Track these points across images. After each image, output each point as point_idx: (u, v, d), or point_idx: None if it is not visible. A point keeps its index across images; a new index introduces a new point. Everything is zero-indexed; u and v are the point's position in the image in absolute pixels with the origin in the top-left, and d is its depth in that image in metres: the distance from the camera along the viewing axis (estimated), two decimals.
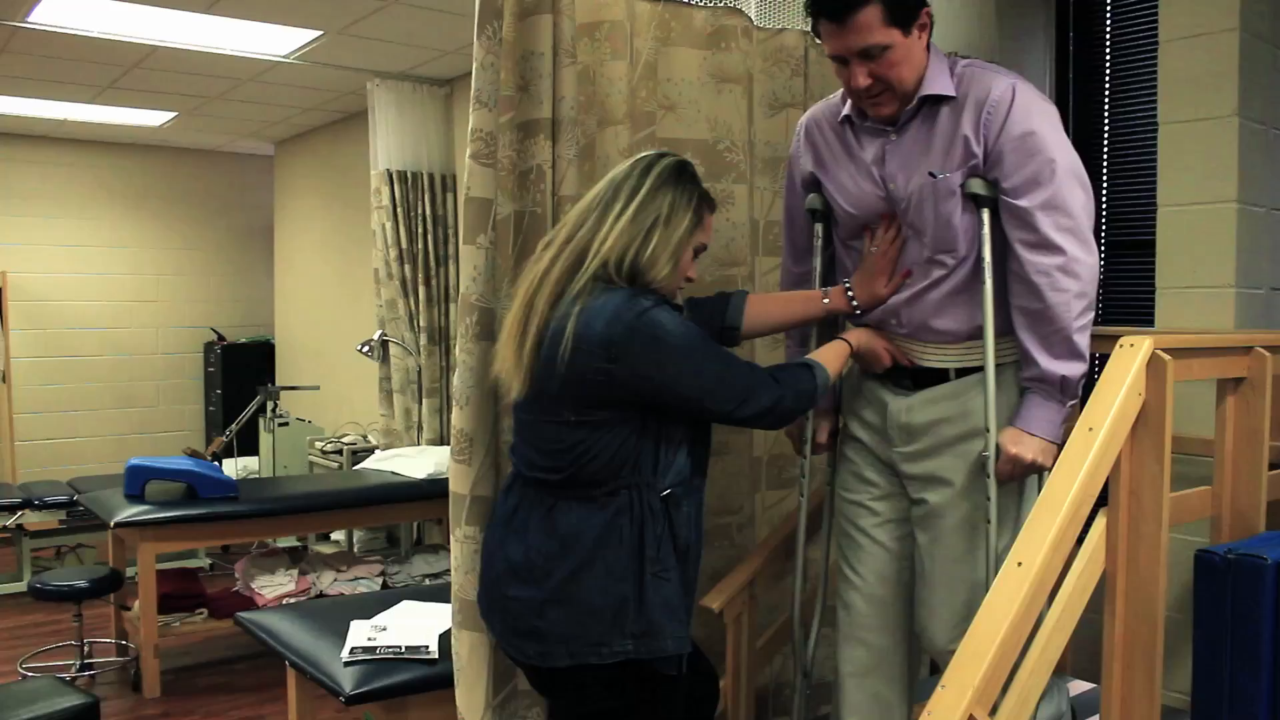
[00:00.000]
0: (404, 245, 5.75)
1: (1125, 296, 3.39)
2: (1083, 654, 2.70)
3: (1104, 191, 3.44)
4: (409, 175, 5.78)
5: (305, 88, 6.04)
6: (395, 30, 4.90)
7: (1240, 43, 2.59)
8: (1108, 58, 3.41)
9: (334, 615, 2.86)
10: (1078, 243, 1.90)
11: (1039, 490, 2.03)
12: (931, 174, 1.99)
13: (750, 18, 2.73)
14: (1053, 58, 3.53)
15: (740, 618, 2.46)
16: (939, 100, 2.00)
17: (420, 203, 5.81)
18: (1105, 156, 3.43)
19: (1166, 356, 1.58)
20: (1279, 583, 1.63)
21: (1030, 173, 1.91)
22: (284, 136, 7.60)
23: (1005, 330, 2.04)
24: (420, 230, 5.81)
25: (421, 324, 5.81)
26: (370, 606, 2.91)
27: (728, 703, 2.49)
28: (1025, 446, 1.95)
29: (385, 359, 5.81)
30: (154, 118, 6.78)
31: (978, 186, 1.98)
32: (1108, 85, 3.41)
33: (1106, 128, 3.42)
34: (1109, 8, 3.39)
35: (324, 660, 2.53)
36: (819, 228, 2.31)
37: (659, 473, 1.85)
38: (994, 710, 1.38)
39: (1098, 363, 3.34)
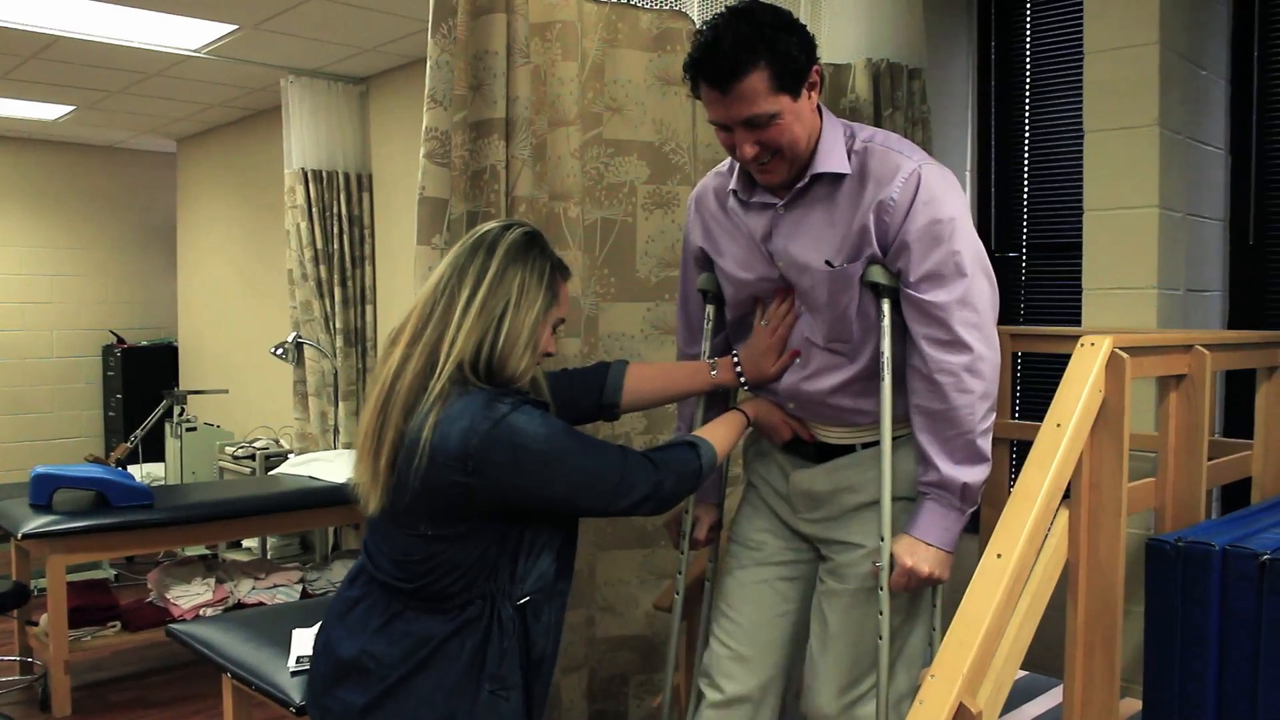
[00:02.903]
0: (319, 246, 5.64)
1: (1047, 297, 3.53)
2: None
3: (1025, 196, 3.57)
4: (324, 174, 5.67)
5: (214, 83, 5.87)
6: (312, 26, 4.80)
7: (1160, 56, 2.72)
8: (1028, 66, 3.54)
9: (272, 624, 2.79)
10: (983, 340, 1.78)
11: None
12: (829, 263, 1.84)
13: (694, 21, 2.76)
14: (975, 65, 3.65)
15: (692, 615, 2.48)
16: (834, 177, 1.84)
17: (336, 202, 5.71)
18: (1026, 162, 3.56)
19: (1125, 355, 1.65)
20: (1225, 568, 1.71)
21: (937, 265, 1.76)
22: (187, 133, 7.38)
23: (906, 414, 1.90)
24: (336, 230, 5.70)
25: (337, 325, 5.70)
26: (308, 614, 2.85)
27: (680, 696, 2.51)
28: (921, 558, 1.81)
29: (300, 361, 5.68)
30: (50, 111, 6.51)
31: (878, 275, 1.83)
32: (1028, 93, 3.54)
33: (1027, 133, 3.55)
34: (1028, 19, 3.52)
35: (269, 671, 2.47)
36: (711, 310, 2.16)
37: (516, 580, 1.72)
38: None
39: (1017, 361, 3.49)
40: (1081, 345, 1.67)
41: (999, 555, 1.46)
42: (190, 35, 4.90)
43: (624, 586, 2.68)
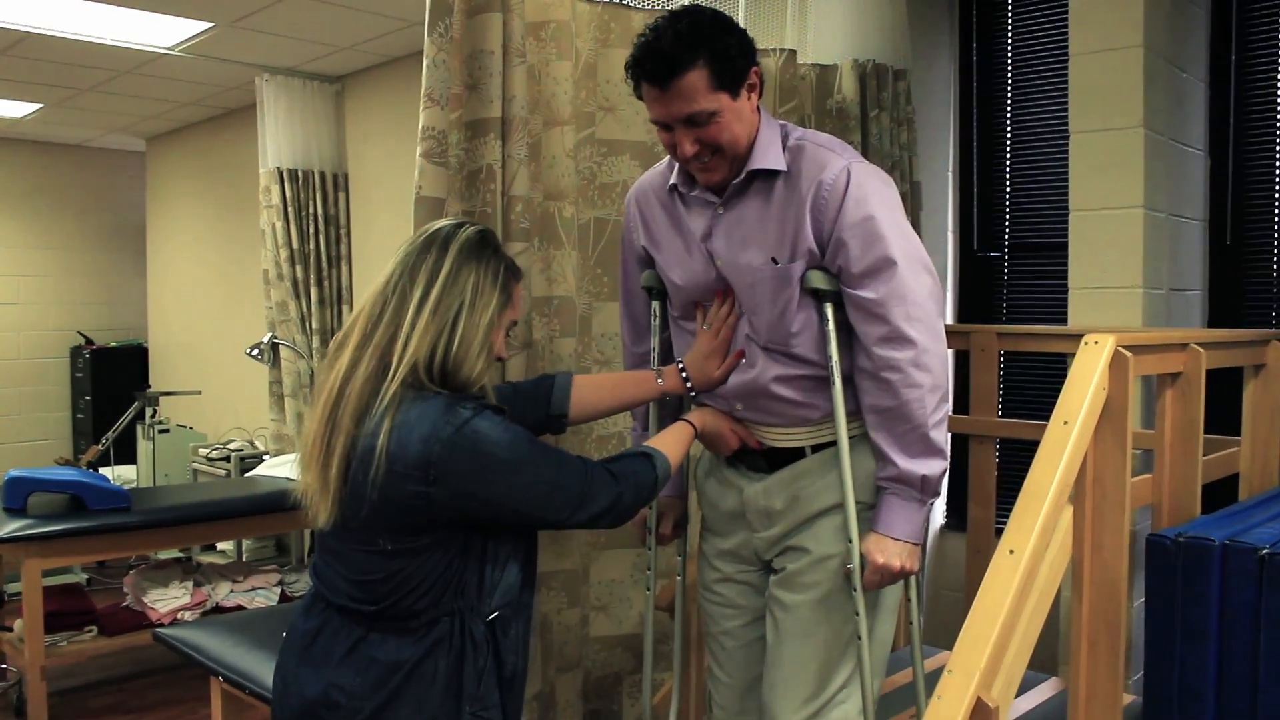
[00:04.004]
0: (295, 245, 5.60)
1: (1029, 296, 3.57)
2: None
3: (1008, 196, 3.61)
4: (300, 174, 5.63)
5: (188, 81, 5.81)
6: (288, 25, 4.77)
7: (1144, 59, 2.75)
8: (1009, 68, 3.57)
9: (260, 627, 2.78)
10: (927, 333, 1.77)
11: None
12: (774, 260, 1.84)
13: None
14: (957, 67, 3.69)
15: (688, 614, 2.48)
16: (770, 174, 1.85)
17: (312, 202, 5.67)
18: (1008, 162, 3.60)
19: (1128, 353, 1.68)
20: (1224, 562, 1.74)
21: (875, 262, 1.76)
22: (157, 132, 7.29)
23: (858, 410, 1.89)
24: (312, 230, 5.67)
25: (314, 326, 5.67)
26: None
27: (676, 695, 2.52)
28: (891, 553, 1.81)
29: (276, 362, 5.63)
30: (17, 109, 6.42)
31: (818, 280, 1.82)
32: (1009, 94, 3.57)
33: (1009, 134, 3.59)
34: (1010, 22, 3.56)
35: (262, 673, 2.45)
36: (657, 306, 2.14)
37: (484, 595, 1.66)
38: None
39: (1000, 359, 3.52)
40: (1085, 344, 1.70)
41: (1011, 551, 1.47)
42: (164, 33, 4.84)
43: (618, 586, 2.68)
